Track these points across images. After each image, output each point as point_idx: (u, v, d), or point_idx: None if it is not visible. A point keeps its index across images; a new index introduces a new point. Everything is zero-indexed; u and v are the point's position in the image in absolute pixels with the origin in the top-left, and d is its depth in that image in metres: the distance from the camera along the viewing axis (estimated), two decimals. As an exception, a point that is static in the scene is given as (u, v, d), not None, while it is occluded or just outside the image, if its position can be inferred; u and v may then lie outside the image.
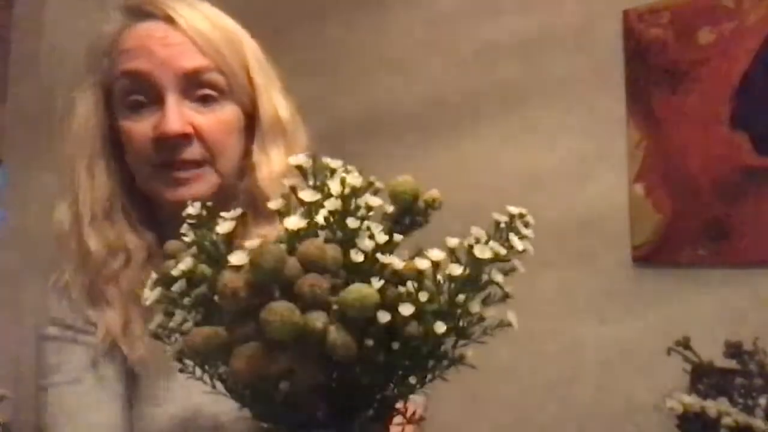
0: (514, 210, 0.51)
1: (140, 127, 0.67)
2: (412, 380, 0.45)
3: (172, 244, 0.50)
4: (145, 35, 0.67)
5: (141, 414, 0.67)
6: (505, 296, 0.51)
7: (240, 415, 0.49)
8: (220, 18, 0.71)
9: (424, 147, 1.76)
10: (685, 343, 0.97)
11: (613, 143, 1.51)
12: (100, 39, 0.70)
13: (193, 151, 0.67)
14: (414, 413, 0.48)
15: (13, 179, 1.81)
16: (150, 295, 0.49)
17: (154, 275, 0.50)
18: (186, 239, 0.48)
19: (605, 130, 1.53)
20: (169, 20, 0.67)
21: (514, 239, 0.50)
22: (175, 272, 0.47)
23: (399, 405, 0.50)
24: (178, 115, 0.66)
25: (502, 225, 0.50)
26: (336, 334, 0.39)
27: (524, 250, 0.50)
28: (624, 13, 1.51)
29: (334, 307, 0.40)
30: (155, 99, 0.67)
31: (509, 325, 0.51)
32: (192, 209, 0.48)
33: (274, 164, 0.71)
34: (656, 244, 1.46)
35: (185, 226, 0.49)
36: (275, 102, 0.72)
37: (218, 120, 0.69)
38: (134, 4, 0.69)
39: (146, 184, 0.70)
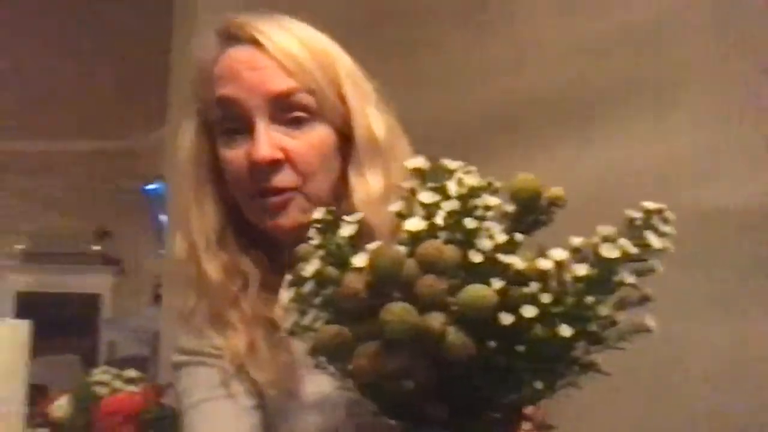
0: (651, 205, 0.48)
1: (235, 155, 0.67)
2: (538, 385, 0.44)
3: (303, 247, 0.53)
4: (234, 61, 0.67)
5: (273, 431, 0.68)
6: (644, 299, 0.48)
7: None
8: (309, 36, 0.70)
9: (546, 145, 1.69)
10: None
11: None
12: (198, 66, 0.71)
13: (284, 178, 0.67)
14: (542, 420, 0.47)
15: (174, 193, 2.01)
16: (285, 295, 0.52)
17: (288, 277, 0.52)
18: (312, 242, 0.50)
19: (758, 116, 1.37)
20: (256, 43, 0.67)
21: (650, 237, 0.46)
22: (305, 274, 0.50)
23: (527, 411, 0.49)
24: (268, 141, 0.65)
25: (637, 222, 0.47)
26: (455, 335, 0.39)
27: (663, 249, 0.46)
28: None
29: (454, 308, 0.40)
30: (247, 126, 0.67)
31: (648, 330, 0.48)
32: (318, 213, 0.50)
33: (371, 187, 0.68)
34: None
35: (312, 230, 0.51)
36: (370, 119, 0.70)
37: (309, 143, 0.68)
38: (224, 29, 0.70)
39: (247, 213, 0.70)
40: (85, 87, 4.69)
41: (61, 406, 1.19)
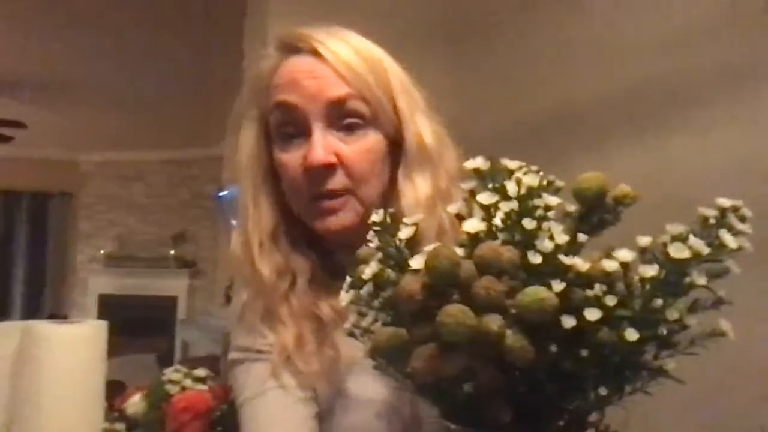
0: (726, 202, 0.45)
1: (291, 158, 0.71)
2: (603, 392, 0.42)
3: (363, 250, 0.53)
4: (295, 70, 0.71)
5: (320, 426, 0.70)
6: (718, 302, 0.45)
7: None
8: (365, 47, 0.73)
9: (624, 141, 1.63)
10: None
11: None
12: (258, 75, 0.75)
13: (337, 181, 0.70)
14: (607, 427, 0.45)
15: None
16: (345, 297, 0.53)
17: (348, 279, 0.53)
18: (371, 245, 0.50)
19: None
20: (317, 54, 0.71)
21: (725, 236, 0.44)
22: (364, 276, 0.50)
23: (593, 418, 0.47)
24: (323, 145, 0.69)
25: (712, 220, 0.45)
26: (513, 338, 0.38)
27: (739, 248, 0.44)
28: None
29: (513, 310, 0.39)
30: (304, 130, 0.70)
31: (723, 334, 0.45)
32: (376, 216, 0.50)
33: (419, 191, 0.71)
34: None
35: (371, 232, 0.51)
36: (420, 127, 0.73)
37: (362, 148, 0.71)
38: (286, 41, 0.73)
39: (299, 214, 0.73)
40: (167, 98, 4.91)
41: (135, 403, 1.25)
